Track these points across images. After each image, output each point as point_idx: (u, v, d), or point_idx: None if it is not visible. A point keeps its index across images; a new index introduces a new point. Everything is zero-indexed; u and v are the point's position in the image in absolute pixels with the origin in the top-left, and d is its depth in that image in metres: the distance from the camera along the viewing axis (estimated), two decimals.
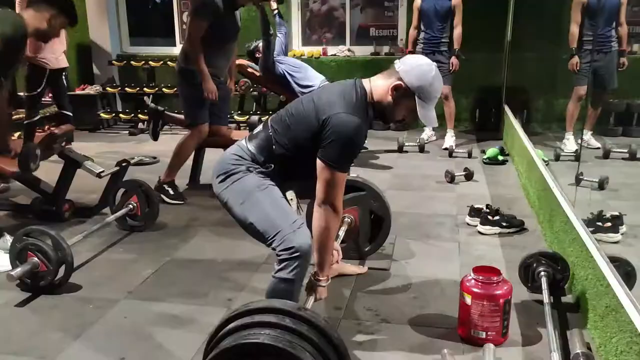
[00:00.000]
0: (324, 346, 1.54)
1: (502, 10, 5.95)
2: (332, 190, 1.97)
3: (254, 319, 1.58)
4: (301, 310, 1.58)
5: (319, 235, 2.01)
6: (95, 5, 6.85)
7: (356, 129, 1.92)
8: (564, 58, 5.03)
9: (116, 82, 6.95)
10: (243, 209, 2.02)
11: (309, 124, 1.98)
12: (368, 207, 2.83)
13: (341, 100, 1.96)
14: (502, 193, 4.05)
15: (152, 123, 4.22)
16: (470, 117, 6.38)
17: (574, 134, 5.01)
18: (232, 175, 2.07)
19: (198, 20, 3.61)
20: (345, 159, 1.97)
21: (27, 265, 2.45)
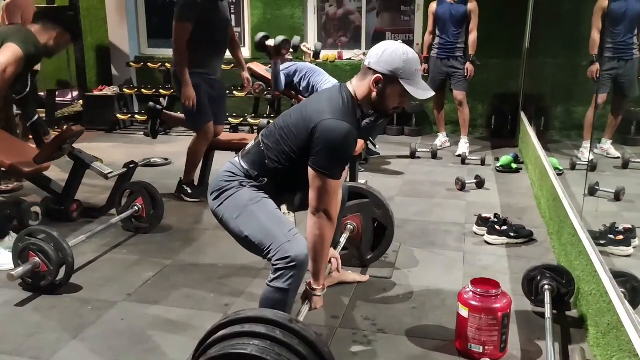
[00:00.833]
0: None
1: (520, 16, 5.87)
2: (325, 198, 1.94)
3: (244, 328, 1.56)
4: (292, 323, 1.55)
5: (314, 244, 1.98)
6: (115, 8, 6.93)
7: (345, 134, 1.89)
8: (583, 65, 4.93)
9: (133, 83, 7.02)
10: (238, 222, 2.01)
11: (299, 134, 1.96)
12: (371, 214, 2.80)
13: (328, 106, 1.94)
14: (514, 202, 3.97)
15: (150, 122, 4.25)
16: (486, 124, 6.29)
17: (592, 143, 4.89)
18: (225, 191, 2.06)
19: (182, 23, 3.62)
20: (336, 166, 1.95)
21: (28, 265, 2.48)
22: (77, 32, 3.12)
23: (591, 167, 4.40)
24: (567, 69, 5.75)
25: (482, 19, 5.30)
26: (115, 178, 3.58)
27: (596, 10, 4.79)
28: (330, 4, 6.78)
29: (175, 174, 4.14)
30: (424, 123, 6.43)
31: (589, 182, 3.44)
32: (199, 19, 3.65)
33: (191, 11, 3.63)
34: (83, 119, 6.67)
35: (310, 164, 1.93)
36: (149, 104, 4.38)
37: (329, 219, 1.97)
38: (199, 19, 3.65)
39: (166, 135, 6.18)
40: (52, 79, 7.36)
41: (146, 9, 7.16)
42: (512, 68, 6.04)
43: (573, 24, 5.36)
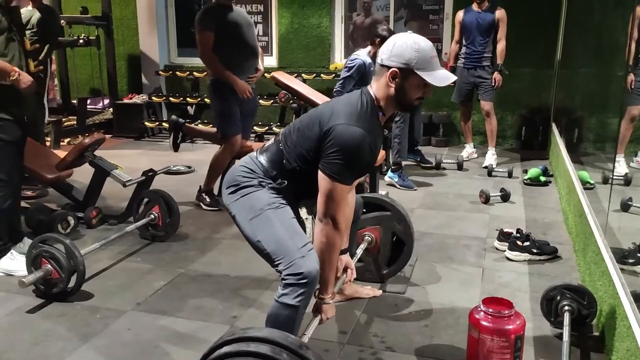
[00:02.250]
0: None
1: (552, 25, 5.72)
2: (333, 204, 1.88)
3: (250, 347, 1.50)
4: (302, 349, 1.48)
5: (321, 252, 1.92)
6: (146, 17, 7.06)
7: (358, 139, 1.83)
8: (619, 75, 4.75)
9: (162, 91, 7.11)
10: (252, 225, 1.95)
11: (312, 137, 1.91)
12: (391, 228, 2.71)
13: (345, 110, 1.89)
14: (539, 217, 3.83)
15: (172, 134, 4.28)
16: (516, 135, 6.13)
17: (626, 156, 4.71)
18: (242, 188, 2.00)
19: (202, 33, 3.68)
20: (347, 171, 1.87)
21: (39, 272, 2.50)
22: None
23: (625, 181, 4.22)
24: (601, 79, 5.56)
25: (513, 27, 5.19)
26: (135, 186, 3.60)
27: (632, 19, 4.62)
28: (357, 13, 6.74)
29: (198, 182, 4.16)
30: (452, 133, 6.31)
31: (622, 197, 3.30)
32: (219, 27, 3.68)
33: (209, 19, 3.70)
34: (113, 126, 6.81)
35: (320, 167, 1.88)
36: (172, 117, 4.42)
37: (336, 227, 1.91)
38: (219, 27, 3.69)
39: (192, 143, 6.22)
40: (85, 88, 7.55)
41: (176, 18, 7.27)
42: (543, 78, 5.88)
43: (607, 34, 5.18)
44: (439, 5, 6.33)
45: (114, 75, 6.88)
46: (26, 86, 2.72)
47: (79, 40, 6.35)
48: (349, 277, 2.33)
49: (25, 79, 2.72)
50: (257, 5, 6.84)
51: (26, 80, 2.72)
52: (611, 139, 5.06)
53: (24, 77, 2.72)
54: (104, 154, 3.89)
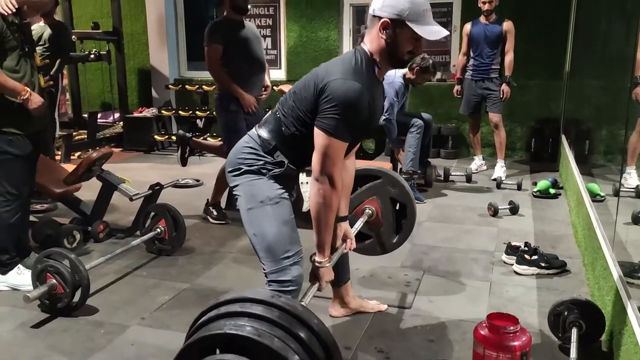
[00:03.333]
0: (301, 332, 1.41)
1: (561, 36, 5.70)
2: (329, 161, 1.85)
3: (220, 310, 1.49)
4: (274, 298, 1.47)
5: (317, 212, 1.90)
6: (156, 32, 7.14)
7: (355, 93, 1.80)
8: (629, 87, 4.71)
9: (172, 105, 7.17)
10: (250, 216, 1.97)
11: (308, 96, 1.89)
12: (387, 194, 2.59)
13: (340, 66, 1.87)
14: (549, 230, 3.79)
15: (179, 149, 4.30)
16: (526, 147, 6.09)
17: (637, 169, 4.64)
18: (245, 173, 1.99)
19: (211, 45, 3.72)
20: (344, 126, 1.83)
21: (44, 287, 2.50)
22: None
23: (636, 194, 4.16)
24: (610, 90, 5.52)
25: (522, 39, 5.18)
26: (141, 200, 3.61)
27: None
28: (365, 26, 6.76)
29: (206, 196, 4.16)
30: (461, 145, 6.29)
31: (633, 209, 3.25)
32: (227, 41, 3.72)
33: (216, 33, 3.74)
34: (123, 140, 6.87)
35: (316, 124, 1.85)
36: (179, 132, 4.45)
37: (333, 185, 1.87)
38: (228, 41, 3.72)
39: (200, 156, 6.25)
40: (96, 102, 7.63)
41: (186, 33, 7.34)
42: (552, 89, 5.85)
43: (616, 44, 5.15)
44: (447, 18, 6.33)
45: (124, 89, 6.95)
46: (36, 106, 2.73)
47: (90, 55, 6.43)
48: (349, 247, 2.27)
49: (36, 100, 2.73)
50: (266, 19, 6.89)
51: (37, 100, 2.73)
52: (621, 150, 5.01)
53: (35, 97, 2.73)
54: (113, 168, 3.93)
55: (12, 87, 2.66)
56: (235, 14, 3.79)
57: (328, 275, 2.01)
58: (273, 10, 6.80)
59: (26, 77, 2.77)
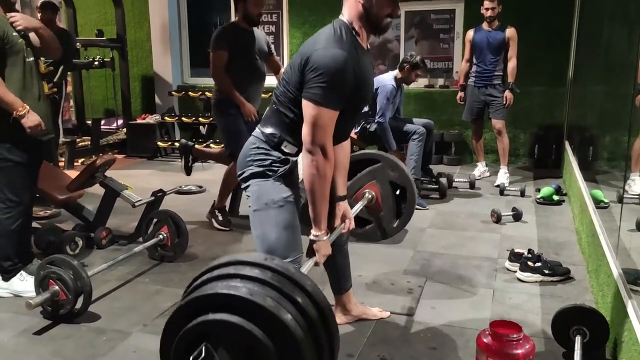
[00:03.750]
0: (294, 292, 1.41)
1: (564, 43, 5.70)
2: (319, 131, 1.83)
3: (213, 273, 1.49)
4: (267, 260, 1.47)
5: (311, 185, 1.89)
6: (159, 39, 7.17)
7: (339, 59, 1.80)
8: (632, 93, 4.70)
9: (175, 111, 7.19)
10: (254, 217, 1.99)
11: (295, 73, 1.88)
12: (387, 178, 2.57)
13: (321, 38, 1.87)
14: (552, 237, 3.77)
15: (183, 158, 4.31)
16: (529, 153, 6.07)
17: None
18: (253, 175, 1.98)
19: (216, 52, 3.73)
20: (331, 94, 1.82)
21: (46, 294, 2.51)
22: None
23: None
24: (614, 97, 5.51)
25: (525, 46, 5.19)
26: (144, 206, 3.62)
27: None
28: None
29: (209, 202, 4.16)
30: (463, 152, 6.28)
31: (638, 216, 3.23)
32: (232, 48, 3.73)
33: (223, 39, 3.75)
34: (126, 146, 6.88)
35: (303, 96, 1.85)
36: (181, 141, 4.47)
37: (326, 156, 1.86)
38: (233, 48, 3.73)
39: (203, 163, 6.26)
40: (100, 108, 7.66)
41: (189, 39, 7.37)
42: (556, 96, 5.84)
43: (619, 51, 5.15)
44: (450, 25, 6.34)
45: (127, 96, 6.98)
46: (32, 125, 2.67)
47: (94, 62, 6.46)
48: (347, 227, 2.24)
49: (32, 118, 2.67)
50: (269, 25, 6.91)
51: (33, 119, 2.68)
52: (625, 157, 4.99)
53: (32, 116, 2.68)
54: (116, 174, 3.93)
55: (11, 101, 2.64)
56: (245, 23, 3.80)
57: (325, 249, 1.99)
58: (276, 17, 6.82)
59: (34, 86, 2.78)
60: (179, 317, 1.46)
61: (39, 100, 2.84)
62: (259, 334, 1.34)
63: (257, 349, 1.34)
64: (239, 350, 1.37)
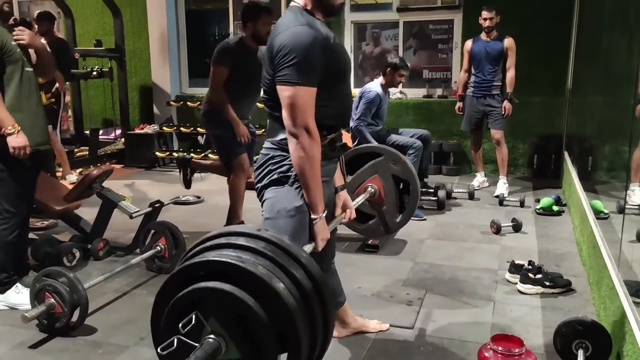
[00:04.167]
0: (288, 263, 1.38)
1: (562, 53, 5.70)
2: (300, 112, 1.79)
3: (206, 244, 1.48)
4: (260, 231, 1.45)
5: (301, 167, 1.84)
6: (158, 49, 7.17)
7: (299, 34, 1.77)
8: (632, 104, 4.70)
9: (174, 121, 7.18)
10: (265, 223, 1.95)
11: (269, 70, 1.86)
12: (389, 171, 2.53)
13: (280, 26, 1.86)
14: (552, 248, 3.75)
15: (181, 172, 4.29)
16: (528, 163, 6.06)
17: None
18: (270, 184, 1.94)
19: (218, 67, 3.70)
20: (305, 71, 1.77)
21: (42, 307, 2.48)
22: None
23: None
24: (613, 107, 5.51)
25: (524, 56, 5.19)
26: (142, 217, 3.59)
27: None
28: (366, 42, 6.80)
29: (208, 212, 4.14)
30: (462, 162, 6.27)
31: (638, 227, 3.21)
32: (234, 65, 3.72)
33: (226, 56, 3.72)
34: (125, 156, 6.86)
35: (277, 81, 1.81)
36: (178, 155, 4.46)
37: (311, 135, 1.82)
38: (235, 65, 3.72)
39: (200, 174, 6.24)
40: (98, 118, 7.65)
41: (188, 49, 7.37)
42: (555, 106, 5.84)
43: (618, 61, 5.15)
44: (448, 35, 6.36)
45: (126, 106, 6.97)
46: (17, 146, 2.62)
47: (93, 72, 6.46)
48: (348, 217, 2.21)
49: (19, 140, 2.63)
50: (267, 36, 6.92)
51: (20, 140, 2.63)
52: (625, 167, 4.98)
53: (20, 137, 2.63)
54: (114, 184, 3.92)
55: (3, 117, 2.62)
56: (252, 41, 3.78)
57: (323, 231, 1.95)
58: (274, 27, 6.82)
59: (25, 93, 2.76)
60: (170, 287, 1.44)
61: (36, 110, 2.84)
62: (250, 302, 1.31)
63: (248, 318, 1.32)
64: (231, 319, 1.34)
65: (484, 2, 5.11)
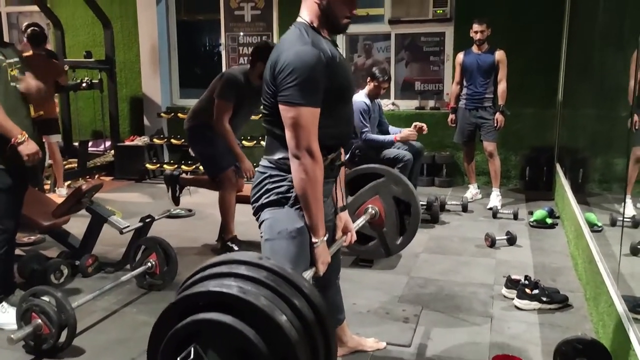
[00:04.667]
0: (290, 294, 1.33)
1: (553, 65, 5.72)
2: (304, 133, 1.75)
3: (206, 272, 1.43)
4: (262, 260, 1.40)
5: (303, 190, 1.80)
6: (149, 61, 7.12)
7: (304, 54, 1.74)
8: (622, 116, 4.71)
9: (164, 133, 7.11)
10: (266, 245, 1.90)
11: (270, 87, 1.82)
12: (391, 193, 2.48)
13: (283, 43, 1.82)
14: (547, 261, 3.73)
15: (170, 189, 4.24)
16: (520, 175, 6.06)
17: (633, 197, 4.61)
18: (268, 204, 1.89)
19: (224, 102, 3.65)
20: (308, 91, 1.74)
21: (29, 328, 2.41)
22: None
23: (633, 224, 4.12)
24: (604, 119, 5.53)
25: (515, 68, 5.20)
26: (132, 232, 3.52)
27: (633, 59, 4.61)
28: (358, 54, 6.79)
29: (200, 226, 4.08)
30: (455, 174, 6.25)
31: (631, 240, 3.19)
32: (239, 99, 3.69)
33: (233, 90, 3.66)
34: (114, 168, 6.78)
35: (279, 101, 1.77)
36: (165, 172, 4.40)
37: (314, 157, 1.78)
38: (239, 99, 3.70)
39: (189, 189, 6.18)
40: (88, 130, 7.56)
41: (179, 59, 7.33)
42: (546, 118, 5.85)
43: (608, 74, 5.18)
44: (440, 47, 6.37)
45: (116, 117, 6.90)
46: (30, 153, 2.64)
47: (82, 83, 6.39)
48: (349, 240, 2.18)
49: (30, 147, 2.64)
50: None
51: (31, 147, 2.64)
52: (617, 179, 4.99)
53: (30, 144, 2.64)
54: (104, 197, 3.85)
55: (10, 127, 2.60)
56: (257, 80, 3.67)
57: (324, 255, 1.91)
58: (266, 38, 6.81)
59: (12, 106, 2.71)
60: (168, 317, 1.39)
61: (25, 124, 2.78)
62: (251, 335, 1.26)
63: (249, 351, 1.27)
64: (230, 352, 1.29)
65: (475, 15, 5.13)
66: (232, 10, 6.87)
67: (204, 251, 4.01)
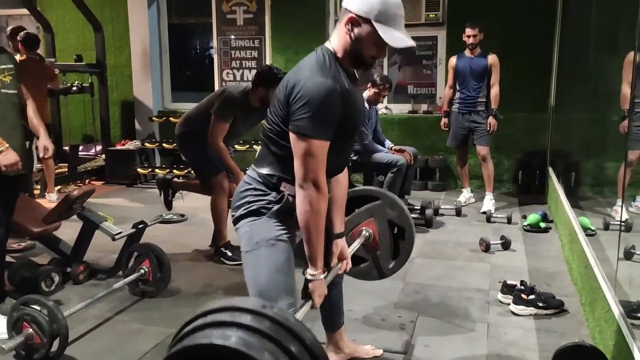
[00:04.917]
0: (293, 346, 1.28)
1: (546, 69, 5.75)
2: (311, 164, 1.73)
3: (207, 319, 1.38)
4: (265, 308, 1.36)
5: (306, 221, 1.78)
6: (140, 64, 7.07)
7: (324, 88, 1.70)
8: (614, 120, 4.73)
9: (156, 137, 7.06)
10: (245, 258, 1.89)
11: (280, 105, 1.79)
12: (386, 217, 2.47)
13: (305, 66, 1.78)
14: (542, 266, 3.73)
15: (162, 193, 4.20)
16: (513, 179, 6.07)
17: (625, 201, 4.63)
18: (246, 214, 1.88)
19: (220, 121, 3.64)
20: (320, 124, 1.72)
21: (20, 337, 2.36)
22: None
23: (626, 228, 4.13)
24: (597, 124, 5.56)
25: (508, 72, 5.21)
26: (125, 239, 3.48)
27: (625, 63, 4.62)
28: None
29: (192, 232, 4.04)
30: (448, 178, 6.26)
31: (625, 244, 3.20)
32: (235, 119, 3.69)
33: (231, 110, 3.66)
34: (105, 173, 6.72)
35: (290, 129, 1.75)
36: (158, 175, 4.37)
37: (319, 190, 1.76)
38: (236, 119, 3.69)
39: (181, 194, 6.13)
40: (78, 134, 7.49)
41: (170, 62, 7.28)
42: (539, 122, 5.87)
43: (599, 78, 5.20)
44: (432, 51, 6.37)
45: (107, 121, 6.84)
46: (7, 164, 2.58)
47: (73, 87, 6.33)
48: (344, 268, 2.14)
49: (9, 157, 2.58)
50: (251, 50, 6.87)
51: (10, 157, 2.58)
52: (609, 183, 5.01)
53: (10, 154, 2.58)
54: (95, 202, 3.80)
55: None
56: (258, 103, 3.67)
57: (321, 289, 1.87)
58: (259, 42, 6.78)
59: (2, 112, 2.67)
60: None
61: (14, 130, 2.74)
62: None
63: None
64: None
65: (468, 19, 5.14)
66: (224, 13, 6.84)
67: (197, 257, 3.98)
